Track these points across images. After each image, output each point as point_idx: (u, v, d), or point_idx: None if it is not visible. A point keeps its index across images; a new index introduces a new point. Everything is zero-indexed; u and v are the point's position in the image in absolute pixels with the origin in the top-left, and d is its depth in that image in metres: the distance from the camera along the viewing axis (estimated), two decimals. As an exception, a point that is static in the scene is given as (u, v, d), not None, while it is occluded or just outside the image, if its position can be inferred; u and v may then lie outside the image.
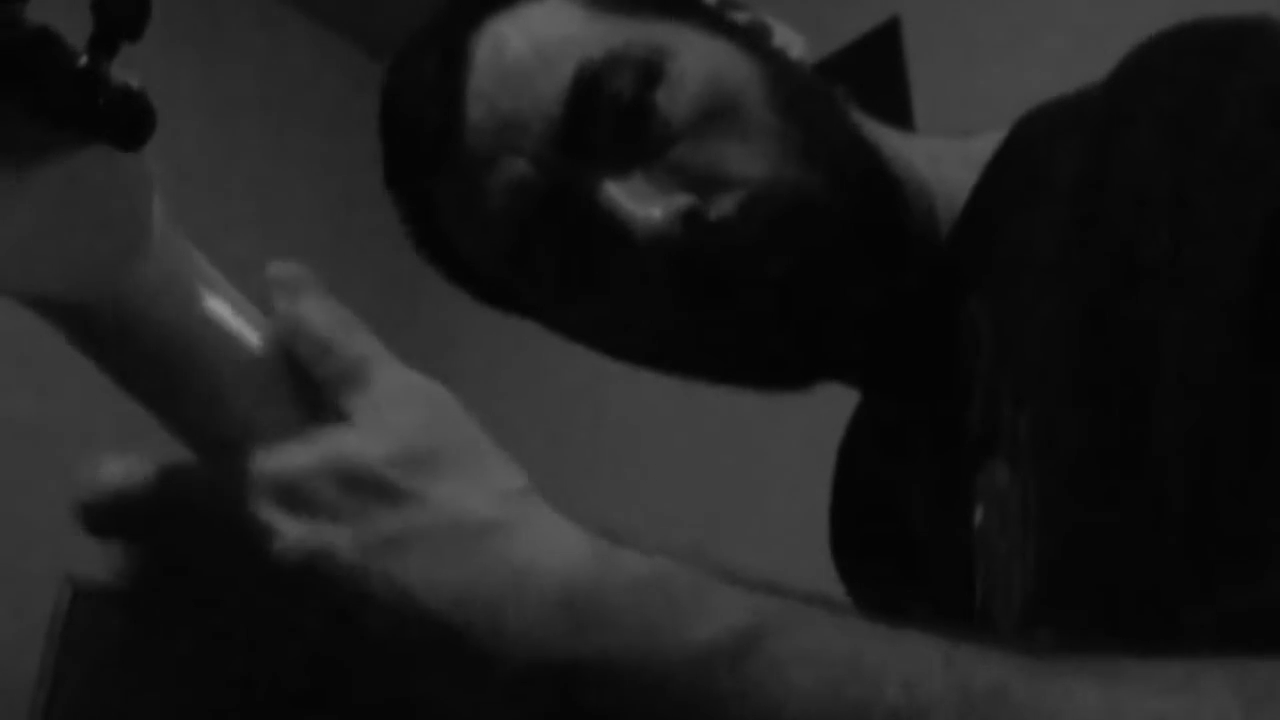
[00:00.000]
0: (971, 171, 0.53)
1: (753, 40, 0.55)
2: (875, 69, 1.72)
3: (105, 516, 0.32)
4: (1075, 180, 0.43)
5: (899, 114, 1.57)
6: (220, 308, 0.34)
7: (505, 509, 0.32)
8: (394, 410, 0.33)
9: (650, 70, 0.50)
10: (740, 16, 0.57)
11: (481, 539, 0.31)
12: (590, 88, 0.50)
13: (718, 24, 0.55)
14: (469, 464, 0.33)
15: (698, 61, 0.51)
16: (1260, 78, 0.38)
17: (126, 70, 0.29)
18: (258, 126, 2.36)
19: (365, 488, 0.31)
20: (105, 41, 0.28)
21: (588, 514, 0.34)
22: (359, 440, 0.32)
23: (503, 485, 0.33)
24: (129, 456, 0.32)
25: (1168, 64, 0.41)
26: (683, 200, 0.48)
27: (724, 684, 0.30)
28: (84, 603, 1.63)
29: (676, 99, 0.50)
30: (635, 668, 0.30)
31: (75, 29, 0.29)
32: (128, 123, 0.28)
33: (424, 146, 0.55)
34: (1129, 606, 0.37)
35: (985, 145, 0.53)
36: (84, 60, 0.28)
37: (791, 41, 0.57)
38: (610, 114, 0.50)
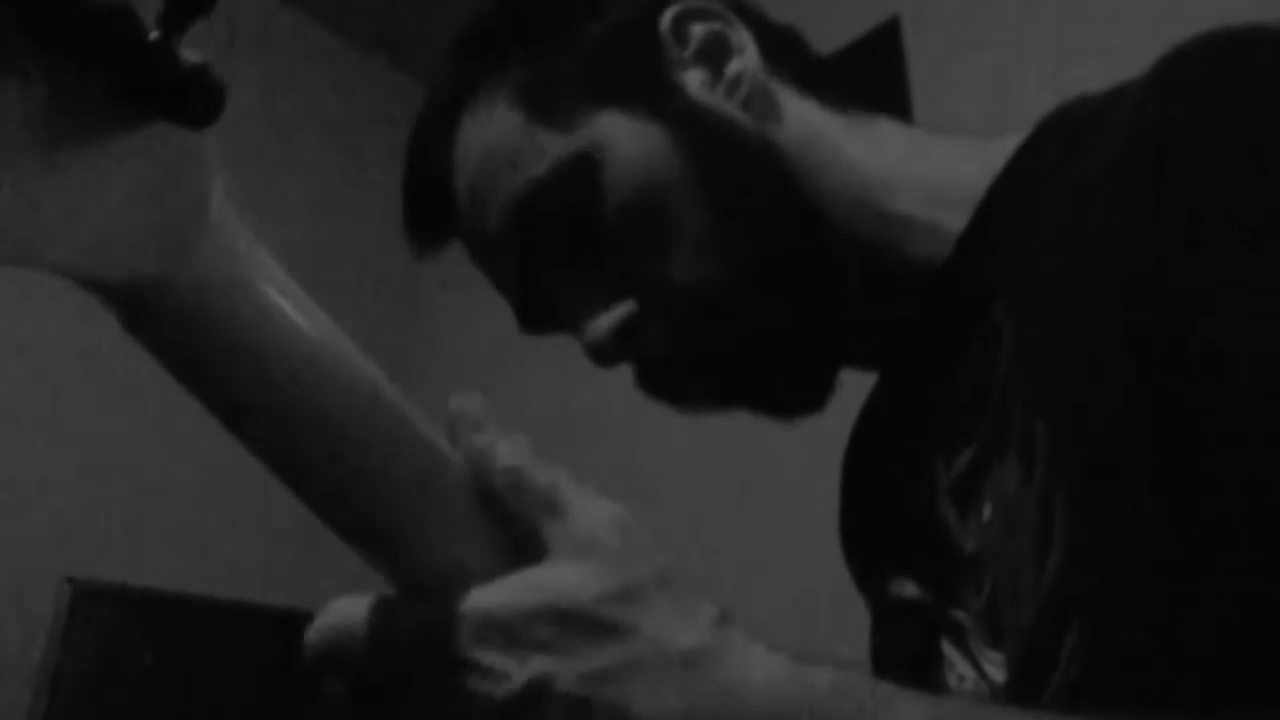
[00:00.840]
0: (988, 174, 0.53)
1: (686, 114, 0.55)
2: (875, 69, 1.73)
3: (328, 655, 0.34)
4: (1101, 189, 0.43)
5: (899, 114, 1.57)
6: (282, 300, 0.34)
7: (710, 636, 0.36)
8: (597, 545, 0.36)
9: (582, 184, 0.54)
10: (699, 30, 0.57)
11: (694, 665, 0.35)
12: (527, 219, 0.55)
13: (655, 97, 0.55)
14: (670, 595, 0.36)
15: (627, 165, 0.54)
16: None
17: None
18: (263, 132, 2.35)
19: (581, 625, 0.34)
20: (176, 18, 0.28)
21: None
22: (571, 579, 0.35)
23: (702, 614, 0.37)
24: (349, 597, 0.34)
25: (1195, 78, 0.41)
26: (624, 310, 0.54)
27: None
28: (84, 603, 1.62)
29: (609, 208, 0.54)
30: None
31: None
32: (198, 99, 0.28)
33: (435, 228, 0.61)
34: (1154, 617, 0.38)
35: (1005, 147, 0.53)
36: (155, 35, 0.28)
37: (746, 61, 0.56)
38: (550, 239, 0.55)
